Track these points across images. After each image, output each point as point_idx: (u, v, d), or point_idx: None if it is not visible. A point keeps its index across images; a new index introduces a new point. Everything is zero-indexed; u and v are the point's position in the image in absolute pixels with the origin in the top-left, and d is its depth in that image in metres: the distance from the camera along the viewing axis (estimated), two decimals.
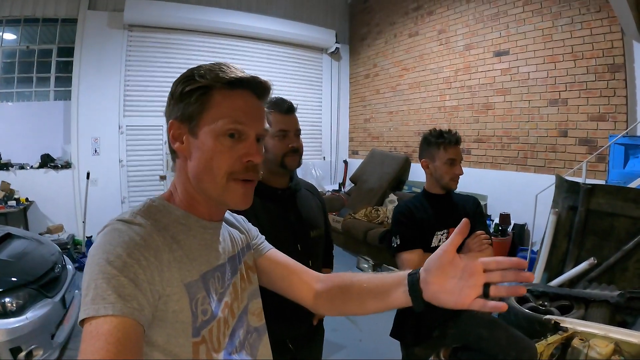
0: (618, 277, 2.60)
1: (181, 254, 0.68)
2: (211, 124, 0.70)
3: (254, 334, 0.87)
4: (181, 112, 0.71)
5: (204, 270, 0.72)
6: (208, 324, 0.70)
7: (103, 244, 0.61)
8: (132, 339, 0.54)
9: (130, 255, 0.59)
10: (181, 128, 0.72)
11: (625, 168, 3.17)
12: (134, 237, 0.62)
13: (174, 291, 0.64)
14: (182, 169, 0.74)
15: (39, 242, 3.05)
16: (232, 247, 0.84)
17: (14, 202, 4.65)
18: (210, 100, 0.70)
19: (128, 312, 0.55)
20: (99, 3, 5.29)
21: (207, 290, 0.71)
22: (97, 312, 0.54)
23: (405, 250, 1.68)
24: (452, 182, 1.79)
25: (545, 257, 2.98)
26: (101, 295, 0.55)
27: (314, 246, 1.43)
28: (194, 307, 0.67)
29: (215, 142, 0.69)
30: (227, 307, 0.76)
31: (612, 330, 1.93)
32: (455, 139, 1.78)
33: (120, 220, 0.65)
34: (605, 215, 2.75)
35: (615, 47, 3.40)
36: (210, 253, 0.75)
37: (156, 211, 0.70)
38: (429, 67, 5.51)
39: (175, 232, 0.69)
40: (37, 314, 2.33)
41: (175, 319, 0.64)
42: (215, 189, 0.71)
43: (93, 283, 0.56)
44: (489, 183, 4.57)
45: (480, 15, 4.70)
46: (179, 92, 0.71)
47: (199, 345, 0.67)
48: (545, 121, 4.02)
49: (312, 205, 1.50)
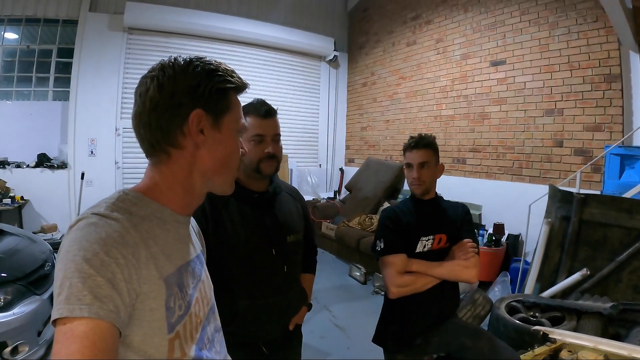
0: (611, 289, 2.57)
1: (157, 250, 0.66)
2: (234, 123, 0.76)
3: (220, 332, 0.87)
4: (210, 104, 0.72)
5: (179, 265, 0.71)
6: (182, 318, 0.69)
7: (79, 239, 0.58)
8: (108, 342, 0.53)
9: (108, 253, 0.57)
10: (205, 120, 0.72)
11: (621, 179, 3.15)
12: (112, 233, 0.60)
13: (151, 288, 0.63)
14: (185, 160, 0.72)
15: (31, 239, 3.05)
16: (197, 245, 0.84)
17: (9, 200, 4.65)
18: (232, 100, 0.76)
19: (104, 314, 0.53)
20: (99, 5, 5.33)
21: (182, 285, 0.70)
22: (71, 312, 0.52)
23: (389, 255, 1.65)
24: (412, 187, 1.76)
25: (538, 267, 2.95)
26: (76, 296, 0.53)
27: (290, 251, 1.40)
28: (171, 303, 0.66)
29: (236, 139, 0.77)
30: (197, 303, 0.75)
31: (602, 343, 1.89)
32: (412, 143, 1.74)
33: (95, 214, 0.62)
34: (599, 225, 2.72)
35: (611, 57, 3.40)
36: (183, 247, 0.75)
37: (130, 204, 0.68)
38: (426, 76, 5.53)
39: (150, 227, 0.67)
40: (25, 310, 2.32)
41: (152, 317, 0.62)
42: (228, 179, 0.77)
43: (68, 281, 0.54)
44: (483, 193, 4.55)
45: (477, 24, 4.72)
46: (212, 85, 0.72)
47: (174, 340, 0.66)
48: (540, 131, 4.01)
49: (292, 210, 1.47)
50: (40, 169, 5.12)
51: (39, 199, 5.08)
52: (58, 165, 5.20)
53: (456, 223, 1.79)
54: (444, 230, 1.76)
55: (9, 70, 5.23)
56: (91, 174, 5.19)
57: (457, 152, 4.95)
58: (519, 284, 3.39)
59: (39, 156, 5.17)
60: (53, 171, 5.17)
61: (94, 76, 5.27)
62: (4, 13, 4.97)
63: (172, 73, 0.71)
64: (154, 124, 0.70)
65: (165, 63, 0.73)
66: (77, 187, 5.02)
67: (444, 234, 1.75)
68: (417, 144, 1.72)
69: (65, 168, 5.22)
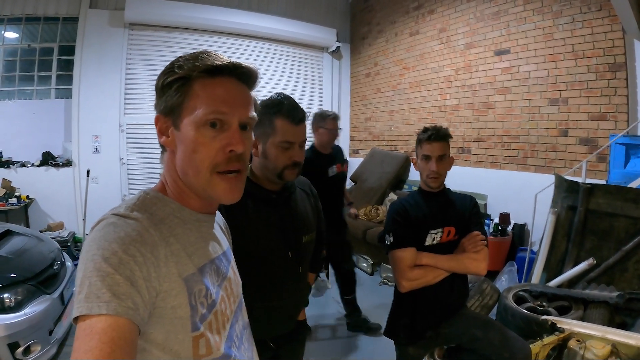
0: (617, 278, 2.59)
1: (178, 248, 0.67)
2: (191, 115, 0.68)
3: (248, 329, 0.88)
4: (164, 105, 0.71)
5: (202, 263, 0.71)
6: (207, 317, 0.69)
7: (98, 239, 0.60)
8: (126, 338, 0.54)
9: (126, 251, 0.58)
10: (166, 122, 0.71)
11: (626, 168, 3.14)
12: (130, 232, 0.61)
13: (171, 286, 0.63)
14: (171, 163, 0.74)
15: (38, 239, 3.07)
16: (223, 241, 0.84)
17: (15, 199, 4.67)
18: (189, 90, 0.69)
19: (122, 311, 0.54)
20: (99, 2, 5.28)
21: (205, 283, 0.70)
22: (90, 310, 0.53)
23: (398, 249, 1.67)
24: (429, 180, 1.75)
25: (544, 257, 2.96)
26: (95, 294, 0.54)
27: (305, 252, 1.39)
28: (193, 301, 0.66)
29: (196, 133, 0.68)
30: (223, 301, 0.76)
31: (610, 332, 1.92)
32: (431, 135, 1.72)
33: (115, 215, 0.64)
34: (605, 215, 2.73)
35: (616, 45, 3.37)
36: (206, 246, 0.75)
37: (151, 204, 0.69)
38: (429, 66, 5.49)
39: (171, 225, 0.68)
40: (35, 310, 2.34)
41: (174, 315, 0.63)
42: (200, 183, 0.70)
43: (87, 280, 0.55)
44: (489, 182, 4.55)
45: (480, 13, 4.67)
46: (160, 84, 0.71)
47: (199, 339, 0.67)
48: (545, 120, 4.00)
49: (307, 208, 1.45)
50: (45, 168, 5.14)
51: (45, 198, 5.10)
52: (63, 163, 5.22)
53: (464, 215, 1.80)
54: (453, 223, 1.77)
55: (10, 70, 5.21)
56: (96, 171, 5.21)
57: (461, 142, 4.94)
58: (526, 273, 3.41)
59: (44, 155, 5.18)
60: (58, 169, 5.19)
61: (96, 73, 5.25)
62: (4, 12, 4.94)
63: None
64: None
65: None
66: (83, 185, 5.05)
67: (452, 226, 1.76)
68: (436, 136, 1.71)
69: (70, 166, 5.24)
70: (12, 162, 5.00)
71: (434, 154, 1.71)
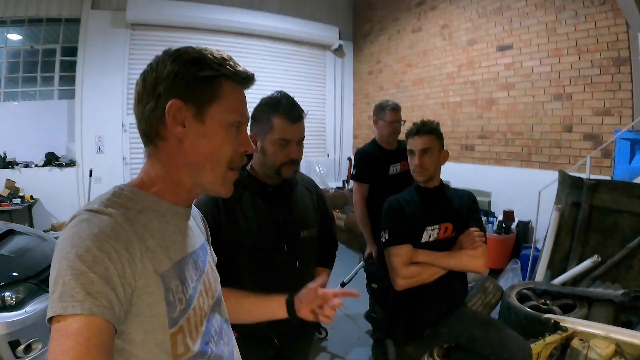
0: (622, 276, 2.54)
1: (153, 243, 0.65)
2: (223, 114, 0.71)
3: (228, 323, 0.87)
4: (190, 94, 0.69)
5: (179, 258, 0.70)
6: (185, 312, 0.68)
7: (72, 236, 0.58)
8: (102, 337, 0.53)
9: (100, 248, 0.57)
10: (184, 110, 0.69)
11: (631, 163, 3.09)
12: (104, 228, 0.59)
13: (147, 283, 0.62)
14: (169, 152, 0.71)
15: (41, 238, 3.09)
16: (200, 235, 0.83)
17: (19, 199, 4.71)
18: (221, 89, 0.71)
19: (97, 310, 0.53)
20: (101, 2, 5.31)
21: (183, 278, 0.69)
22: (65, 310, 0.52)
23: (394, 245, 1.64)
24: (414, 174, 1.73)
25: (548, 254, 2.92)
26: (69, 293, 0.53)
27: (303, 247, 1.38)
28: (170, 297, 0.65)
29: (225, 130, 0.72)
30: (201, 296, 0.75)
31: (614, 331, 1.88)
32: (413, 129, 1.72)
33: (89, 211, 0.62)
34: (610, 211, 2.68)
35: (620, 40, 3.32)
36: (184, 240, 0.74)
37: (126, 199, 0.67)
38: (432, 63, 5.45)
39: (147, 220, 0.67)
40: (37, 308, 2.34)
41: (151, 313, 0.62)
42: (216, 177, 0.72)
43: (61, 279, 0.54)
44: (492, 179, 4.51)
45: (483, 9, 4.63)
46: (191, 74, 0.68)
47: (177, 335, 0.66)
48: (549, 116, 3.95)
49: (307, 204, 1.45)
50: (48, 168, 5.18)
51: (49, 198, 5.14)
52: (66, 164, 5.26)
53: (462, 211, 1.76)
54: (450, 219, 1.73)
55: (13, 71, 5.26)
56: (99, 170, 5.25)
57: (465, 139, 4.90)
58: (530, 271, 3.37)
59: (47, 155, 5.23)
60: (61, 169, 5.23)
61: (99, 73, 5.28)
62: (7, 14, 4.99)
63: (156, 65, 0.70)
64: (139, 116, 0.72)
65: (157, 55, 0.72)
66: (86, 185, 5.08)
67: (450, 223, 1.73)
68: (418, 130, 1.70)
69: (73, 166, 5.27)
70: (16, 162, 5.05)
71: (416, 147, 1.69)
